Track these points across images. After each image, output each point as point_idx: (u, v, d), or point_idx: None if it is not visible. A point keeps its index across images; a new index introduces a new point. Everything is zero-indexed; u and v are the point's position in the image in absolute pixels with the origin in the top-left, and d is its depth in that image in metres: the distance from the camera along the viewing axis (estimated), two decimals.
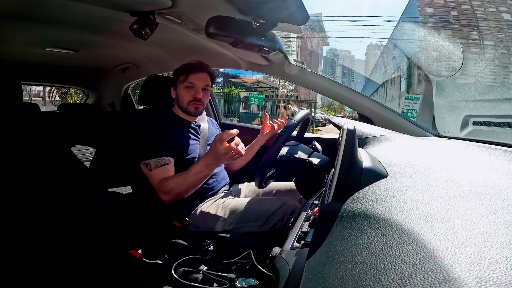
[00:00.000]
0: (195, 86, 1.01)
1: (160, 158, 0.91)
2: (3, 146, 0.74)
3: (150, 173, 0.91)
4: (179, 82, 1.02)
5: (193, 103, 1.01)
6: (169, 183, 0.87)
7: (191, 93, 1.01)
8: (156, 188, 0.90)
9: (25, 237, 0.74)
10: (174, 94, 1.06)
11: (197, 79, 1.01)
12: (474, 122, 1.01)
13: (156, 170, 0.90)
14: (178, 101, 1.04)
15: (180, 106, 1.04)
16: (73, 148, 1.58)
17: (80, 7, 0.84)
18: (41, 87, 11.14)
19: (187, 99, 1.01)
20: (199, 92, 1.01)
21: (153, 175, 0.90)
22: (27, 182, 0.75)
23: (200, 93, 1.01)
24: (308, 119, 1.00)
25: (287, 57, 1.15)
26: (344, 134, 0.44)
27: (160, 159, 0.91)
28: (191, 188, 0.89)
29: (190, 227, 0.99)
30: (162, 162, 0.91)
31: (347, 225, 0.34)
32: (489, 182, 0.35)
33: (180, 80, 1.02)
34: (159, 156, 0.91)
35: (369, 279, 0.23)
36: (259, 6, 0.71)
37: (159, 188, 0.89)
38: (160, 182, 0.89)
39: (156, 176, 0.90)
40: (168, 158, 0.93)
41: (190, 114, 1.04)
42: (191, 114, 1.04)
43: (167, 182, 0.88)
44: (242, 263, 0.79)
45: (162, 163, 0.91)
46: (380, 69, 16.57)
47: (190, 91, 1.01)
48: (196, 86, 1.01)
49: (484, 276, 0.18)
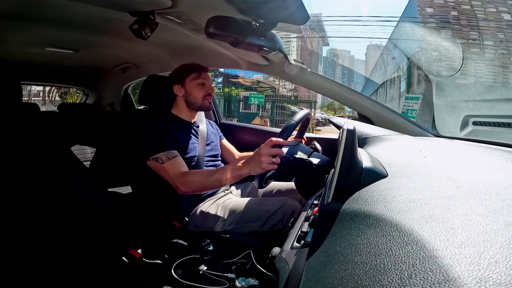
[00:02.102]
0: (207, 84, 1.08)
1: (168, 152, 0.92)
2: (3, 146, 0.74)
3: (163, 166, 0.90)
4: (190, 79, 1.06)
5: (207, 97, 1.08)
6: (192, 176, 0.88)
7: (204, 89, 1.07)
8: (172, 179, 0.89)
9: (25, 237, 0.74)
10: (181, 91, 1.07)
11: (207, 78, 1.09)
12: (474, 122, 1.01)
13: (169, 162, 0.90)
14: (189, 97, 1.06)
15: (191, 102, 1.07)
16: (73, 148, 1.58)
17: (80, 7, 0.84)
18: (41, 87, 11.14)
19: (201, 95, 1.07)
20: (211, 88, 1.09)
21: (167, 167, 0.90)
22: (27, 182, 0.75)
23: (212, 89, 1.10)
24: (308, 119, 1.00)
25: (287, 57, 1.15)
26: (344, 134, 0.44)
27: (169, 152, 0.92)
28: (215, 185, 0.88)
29: (190, 227, 0.99)
30: (172, 155, 0.92)
31: (347, 225, 0.34)
32: (489, 182, 0.35)
33: (192, 77, 1.06)
34: (167, 150, 0.92)
35: (369, 279, 0.23)
36: (259, 6, 0.71)
37: (178, 178, 0.89)
38: (180, 174, 0.89)
39: (172, 168, 0.90)
40: (175, 152, 0.94)
41: (204, 108, 1.09)
42: (205, 108, 1.09)
43: (190, 174, 0.89)
44: (242, 263, 0.79)
45: (172, 155, 0.92)
46: (380, 69, 16.57)
47: (203, 88, 1.07)
48: (207, 84, 1.09)
49: (483, 276, 0.18)
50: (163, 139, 0.95)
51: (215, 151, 1.16)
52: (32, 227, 0.75)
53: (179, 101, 1.08)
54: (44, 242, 0.76)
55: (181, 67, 1.10)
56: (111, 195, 1.25)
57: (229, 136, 1.36)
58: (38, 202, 0.76)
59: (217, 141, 1.22)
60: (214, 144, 1.17)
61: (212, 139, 1.17)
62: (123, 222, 0.99)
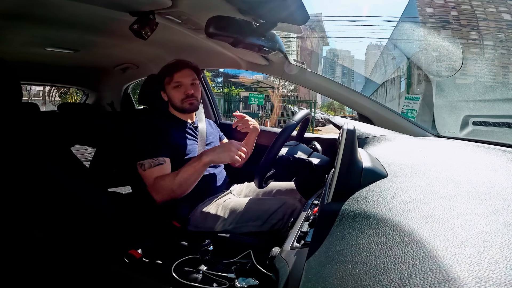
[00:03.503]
0: (183, 84, 1.02)
1: (154, 159, 0.90)
2: (3, 146, 0.74)
3: (144, 173, 0.90)
4: (166, 84, 1.04)
5: (186, 100, 1.02)
6: (160, 181, 0.87)
7: (181, 91, 1.02)
8: (149, 188, 0.89)
9: (25, 237, 0.74)
10: (166, 97, 1.06)
11: (182, 77, 1.02)
12: (474, 122, 1.00)
13: (150, 170, 0.90)
14: (172, 102, 1.05)
15: (175, 107, 1.05)
16: (73, 148, 1.58)
17: (80, 7, 0.84)
18: (41, 87, 11.14)
19: (179, 98, 1.02)
20: (189, 88, 1.02)
21: (147, 175, 0.90)
22: (27, 182, 0.75)
23: (190, 89, 1.02)
24: (308, 119, 1.00)
25: (287, 57, 1.15)
26: (344, 134, 0.44)
27: (155, 159, 0.90)
28: (184, 185, 0.86)
29: (190, 227, 0.99)
30: (156, 162, 0.90)
31: (346, 225, 0.34)
32: (489, 182, 0.35)
33: (166, 82, 1.03)
34: (154, 157, 0.91)
35: (369, 279, 0.23)
36: (259, 6, 0.71)
37: (151, 187, 0.88)
38: (153, 181, 0.88)
39: (150, 176, 0.89)
40: (163, 158, 0.92)
41: (186, 111, 1.05)
42: (187, 111, 1.05)
43: (159, 181, 0.87)
44: (242, 263, 0.79)
45: (156, 163, 0.90)
46: (380, 69, 16.57)
47: (179, 89, 1.02)
48: (183, 83, 1.02)
49: (483, 276, 0.18)
50: (157, 143, 0.93)
51: None
52: (32, 227, 0.75)
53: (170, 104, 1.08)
54: (44, 242, 0.76)
55: (160, 71, 1.06)
56: (111, 195, 1.25)
57: (229, 136, 1.36)
58: (38, 202, 0.76)
59: (217, 141, 1.21)
60: (213, 144, 1.16)
61: (211, 139, 1.17)
62: (123, 222, 0.98)
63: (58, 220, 0.80)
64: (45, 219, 0.78)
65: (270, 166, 0.85)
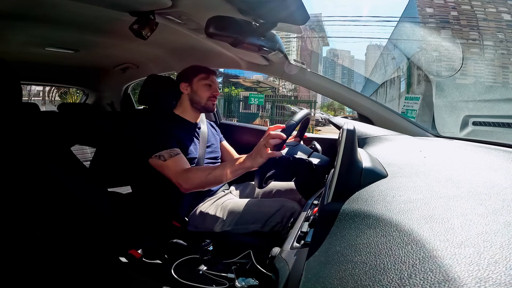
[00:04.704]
0: (214, 85, 1.11)
1: (171, 150, 0.92)
2: (3, 146, 0.74)
3: (166, 164, 0.91)
4: (198, 79, 1.08)
5: (212, 99, 1.10)
6: (193, 172, 0.89)
7: (211, 91, 1.09)
8: (175, 177, 0.90)
9: (25, 237, 0.74)
10: (188, 89, 1.08)
11: (214, 81, 1.12)
12: (474, 122, 1.01)
13: (171, 159, 0.91)
14: (195, 96, 1.08)
15: (196, 101, 1.08)
16: (73, 148, 1.58)
17: (80, 7, 0.84)
18: (41, 87, 11.15)
19: (207, 95, 1.08)
20: (216, 90, 1.12)
21: (170, 165, 0.90)
22: (27, 182, 0.75)
23: (218, 91, 1.12)
24: (308, 119, 1.00)
25: (287, 57, 1.15)
26: (344, 134, 0.44)
27: (171, 150, 0.92)
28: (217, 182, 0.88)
29: (189, 227, 0.99)
30: (175, 152, 0.92)
31: (346, 225, 0.34)
32: (489, 182, 0.35)
33: (200, 77, 1.08)
34: (169, 148, 0.93)
35: (369, 279, 0.23)
36: (259, 6, 0.71)
37: (178, 176, 0.89)
38: (182, 171, 0.90)
39: (174, 165, 0.90)
40: (178, 149, 0.94)
41: (208, 109, 1.10)
42: (209, 109, 1.10)
43: (190, 170, 0.90)
44: (242, 263, 0.79)
45: (175, 153, 0.92)
46: (380, 69, 16.57)
47: (210, 89, 1.10)
48: (214, 85, 1.12)
49: (483, 276, 0.18)
50: (164, 137, 0.95)
51: (215, 153, 1.16)
52: (32, 227, 0.75)
53: (184, 100, 1.09)
54: (44, 242, 0.76)
55: (191, 67, 1.12)
56: (111, 195, 1.25)
57: (229, 136, 1.36)
58: (38, 202, 0.76)
59: (217, 143, 1.22)
60: (214, 146, 1.17)
61: (212, 141, 1.17)
62: (123, 222, 0.99)
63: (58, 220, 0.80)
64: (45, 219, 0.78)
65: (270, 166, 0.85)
